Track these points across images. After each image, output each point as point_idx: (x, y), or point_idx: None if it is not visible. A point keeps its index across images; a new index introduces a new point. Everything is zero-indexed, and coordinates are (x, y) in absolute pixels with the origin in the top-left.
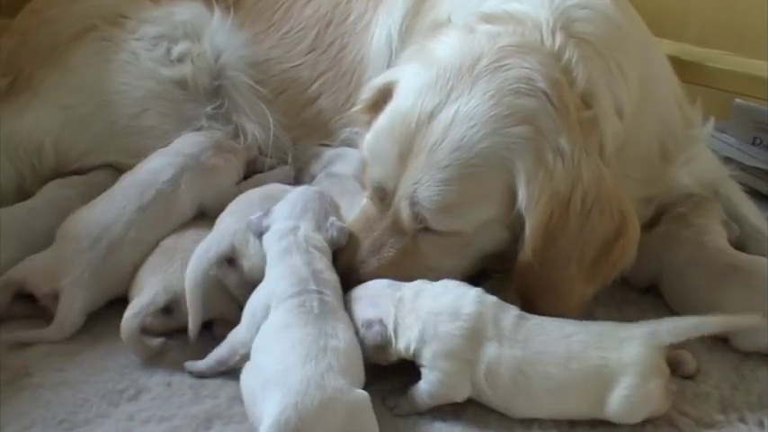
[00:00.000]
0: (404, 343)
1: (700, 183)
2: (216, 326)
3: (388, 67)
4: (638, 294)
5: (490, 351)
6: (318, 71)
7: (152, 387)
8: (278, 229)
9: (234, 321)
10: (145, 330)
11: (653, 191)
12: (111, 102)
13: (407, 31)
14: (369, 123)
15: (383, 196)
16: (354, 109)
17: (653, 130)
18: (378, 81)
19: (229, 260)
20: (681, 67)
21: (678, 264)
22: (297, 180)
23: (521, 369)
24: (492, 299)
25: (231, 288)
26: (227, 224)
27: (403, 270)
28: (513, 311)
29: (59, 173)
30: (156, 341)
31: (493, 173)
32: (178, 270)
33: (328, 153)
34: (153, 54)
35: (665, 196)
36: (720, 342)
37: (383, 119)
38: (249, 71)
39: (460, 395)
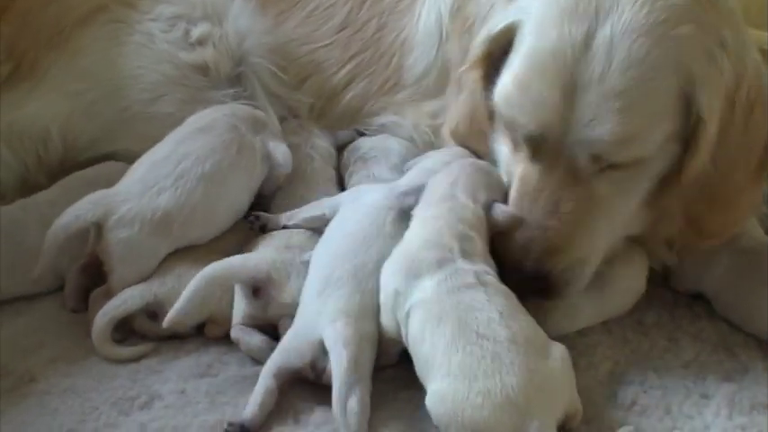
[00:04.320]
0: None
1: None
2: (207, 326)
3: (438, 50)
4: (690, 298)
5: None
6: (351, 52)
7: (165, 394)
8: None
9: (226, 323)
10: (137, 334)
11: None
12: (124, 87)
13: (459, 10)
14: (481, 79)
15: (544, 148)
16: (462, 68)
17: None
18: (492, 29)
19: (255, 288)
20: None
21: (718, 275)
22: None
23: (426, 319)
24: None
25: (240, 317)
26: (267, 252)
27: (586, 224)
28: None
29: (65, 163)
30: (128, 350)
31: (669, 83)
32: (158, 278)
33: (369, 143)
34: (170, 36)
35: None
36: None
37: (523, 64)
38: (273, 57)
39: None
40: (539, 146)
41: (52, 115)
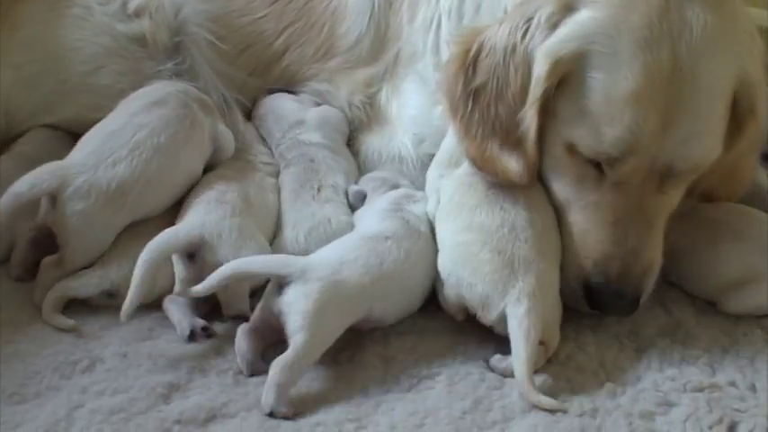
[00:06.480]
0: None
1: None
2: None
3: (371, 19)
4: None
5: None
6: (285, 23)
7: (107, 358)
8: None
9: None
10: (93, 307)
11: None
12: (63, 59)
13: None
14: (538, 114)
15: (634, 171)
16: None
17: None
18: (548, 65)
19: (190, 254)
20: None
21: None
22: None
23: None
24: None
25: (180, 283)
26: (196, 215)
27: (660, 232)
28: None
29: (6, 135)
30: (72, 322)
31: (731, 89)
32: (115, 262)
33: (292, 117)
34: (108, 8)
35: None
36: (712, 306)
37: (610, 96)
38: (211, 26)
39: None
40: (627, 170)
41: None
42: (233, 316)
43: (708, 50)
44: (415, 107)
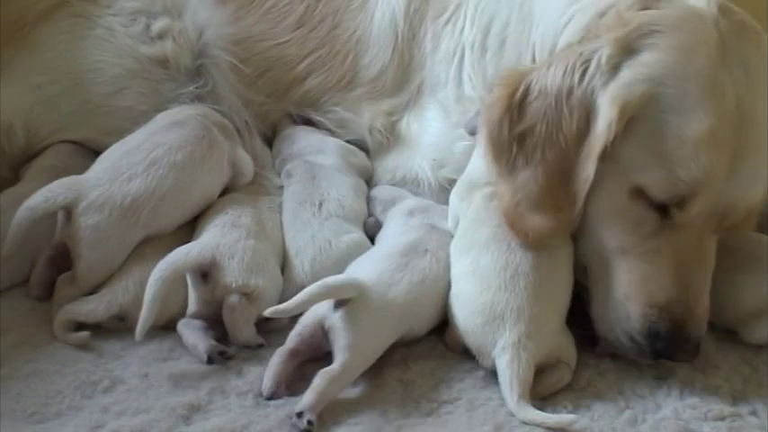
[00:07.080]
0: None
1: None
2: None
3: (394, 50)
4: None
5: None
6: (307, 49)
7: (128, 378)
8: None
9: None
10: (104, 329)
11: None
12: (85, 80)
13: (415, 13)
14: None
15: (699, 213)
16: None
17: None
18: (619, 107)
19: (204, 273)
20: None
21: None
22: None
23: (472, 219)
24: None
25: (194, 303)
26: (210, 236)
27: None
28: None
29: (28, 154)
30: (86, 334)
31: None
32: (121, 286)
33: (306, 141)
34: (131, 30)
35: None
36: (732, 334)
37: (682, 138)
38: (233, 49)
39: None
40: (696, 211)
41: (15, 108)
42: (242, 346)
43: (760, 89)
44: (436, 134)
